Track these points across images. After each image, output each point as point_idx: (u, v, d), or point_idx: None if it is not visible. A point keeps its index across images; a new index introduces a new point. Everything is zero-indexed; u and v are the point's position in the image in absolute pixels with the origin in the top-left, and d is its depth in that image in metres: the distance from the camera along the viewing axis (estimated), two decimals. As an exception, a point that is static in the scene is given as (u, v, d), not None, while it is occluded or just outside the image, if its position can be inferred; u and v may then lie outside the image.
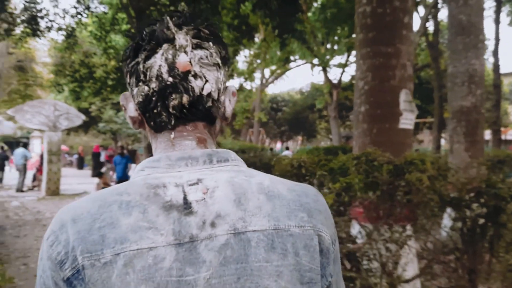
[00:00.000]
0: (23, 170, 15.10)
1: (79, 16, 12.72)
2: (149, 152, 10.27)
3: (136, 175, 0.75)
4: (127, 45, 0.79)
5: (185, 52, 0.74)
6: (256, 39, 20.59)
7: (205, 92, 0.75)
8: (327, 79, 22.36)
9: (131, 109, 0.80)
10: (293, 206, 0.72)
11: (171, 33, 0.74)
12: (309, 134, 38.71)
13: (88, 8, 12.88)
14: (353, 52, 22.35)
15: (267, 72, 28.78)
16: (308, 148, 17.86)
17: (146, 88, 0.74)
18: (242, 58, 27.20)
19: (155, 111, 0.75)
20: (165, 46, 0.74)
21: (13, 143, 28.93)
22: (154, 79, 0.73)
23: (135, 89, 0.77)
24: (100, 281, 0.63)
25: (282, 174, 3.98)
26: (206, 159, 0.75)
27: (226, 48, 0.80)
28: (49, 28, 12.20)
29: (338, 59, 22.21)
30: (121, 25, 12.76)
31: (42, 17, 12.03)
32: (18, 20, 11.83)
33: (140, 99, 0.76)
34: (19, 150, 15.81)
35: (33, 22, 11.73)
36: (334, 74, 39.42)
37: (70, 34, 12.91)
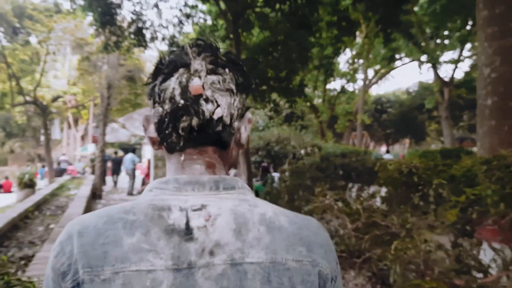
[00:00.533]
0: (132, 174, 15.97)
1: (180, 25, 13.08)
2: (246, 157, 10.08)
3: (144, 195, 0.77)
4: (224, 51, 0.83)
5: (199, 77, 0.76)
6: (358, 39, 19.83)
7: (215, 116, 0.76)
8: (437, 76, 20.72)
9: (151, 130, 0.81)
10: (293, 240, 0.72)
11: (189, 58, 0.77)
12: (418, 136, 36.41)
13: (188, 16, 13.18)
14: (467, 46, 20.60)
15: (370, 72, 27.64)
16: (419, 151, 16.49)
17: (161, 109, 0.77)
18: (344, 59, 26.46)
19: (166, 132, 0.77)
20: (181, 70, 0.76)
21: (128, 149, 31.12)
22: (167, 101, 0.76)
23: (153, 110, 0.80)
24: None
25: (389, 182, 3.40)
26: (212, 185, 0.76)
27: (246, 76, 0.81)
28: (153, 39, 12.69)
29: (449, 54, 20.56)
30: (220, 30, 12.88)
31: (147, 28, 12.50)
32: (126, 33, 12.40)
33: (156, 120, 0.78)
34: (128, 156, 16.77)
35: (139, 34, 12.22)
36: (445, 71, 36.70)
37: (172, 43, 13.34)
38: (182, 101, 0.74)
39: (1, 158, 52.11)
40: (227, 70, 0.78)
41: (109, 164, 18.71)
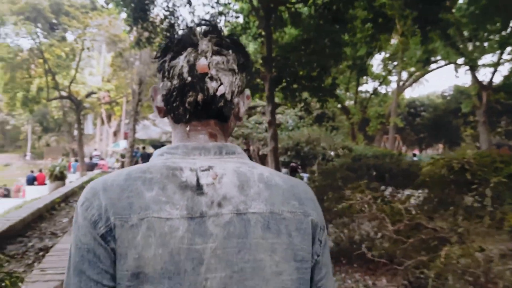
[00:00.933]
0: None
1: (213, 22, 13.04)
2: (275, 155, 9.90)
3: (156, 158, 0.87)
4: (257, 50, 4.29)
5: (205, 57, 0.86)
6: (393, 40, 19.33)
7: (218, 93, 0.86)
8: (475, 80, 19.99)
9: (158, 100, 0.93)
10: (287, 195, 0.84)
11: (196, 39, 0.87)
12: (452, 141, 35.32)
13: (221, 14, 13.13)
14: (507, 49, 19.78)
15: (404, 74, 26.97)
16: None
17: (169, 84, 0.87)
18: (376, 62, 26.03)
19: (174, 104, 0.88)
20: (189, 49, 0.86)
21: (159, 146, 31.49)
22: (176, 77, 0.86)
23: (161, 84, 0.90)
24: (127, 240, 0.75)
25: (435, 181, 3.13)
26: (216, 150, 0.88)
27: (246, 57, 0.91)
28: (185, 35, 12.69)
29: (488, 57, 19.81)
30: (252, 28, 12.75)
31: (179, 24, 12.50)
32: (158, 29, 12.45)
33: (164, 93, 0.89)
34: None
35: (171, 30, 12.23)
36: (483, 75, 35.46)
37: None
38: (189, 78, 0.85)
39: (38, 152, 53.68)
40: (230, 51, 0.88)
41: (140, 160, 18.89)
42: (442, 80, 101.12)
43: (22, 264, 3.62)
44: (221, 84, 0.86)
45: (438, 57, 23.00)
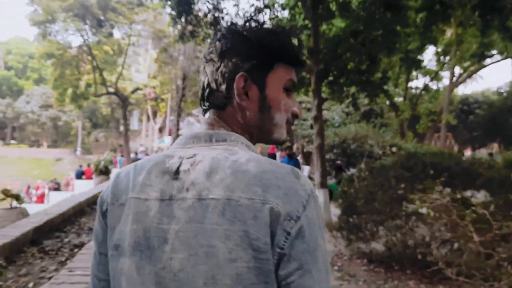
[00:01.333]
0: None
1: (257, 15, 12.73)
2: (320, 152, 9.47)
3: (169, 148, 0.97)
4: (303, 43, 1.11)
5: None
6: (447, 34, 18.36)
7: (205, 84, 0.96)
8: (536, 75, 18.69)
9: None
10: (252, 181, 0.80)
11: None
12: (508, 140, 33.45)
13: (266, 7, 12.80)
14: None
15: (457, 70, 25.68)
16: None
17: None
18: (427, 58, 24.98)
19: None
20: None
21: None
22: None
23: None
24: (114, 217, 0.88)
25: (502, 182, 2.68)
26: (207, 138, 0.91)
27: (236, 41, 0.93)
28: (229, 29, 12.50)
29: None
30: (298, 21, 12.36)
31: (223, 18, 12.31)
32: (202, 23, 12.31)
33: None
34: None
35: (216, 23, 12.06)
36: (544, 71, 33.35)
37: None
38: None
39: (87, 147, 55.59)
40: (217, 42, 0.94)
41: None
42: (497, 76, 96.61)
43: (55, 261, 3.44)
44: (206, 75, 0.95)
45: (494, 51, 21.75)
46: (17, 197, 5.86)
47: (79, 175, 21.20)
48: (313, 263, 0.80)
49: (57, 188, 23.48)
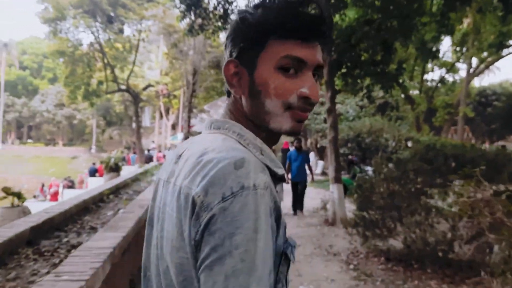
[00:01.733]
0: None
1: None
2: (334, 146, 9.14)
3: None
4: None
5: None
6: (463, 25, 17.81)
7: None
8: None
9: None
10: (192, 170, 0.78)
11: None
12: (527, 133, 32.72)
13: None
14: None
15: (474, 61, 25.02)
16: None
17: None
18: (443, 49, 24.37)
19: None
20: None
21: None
22: None
23: None
24: (153, 192, 1.00)
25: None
26: (209, 125, 0.93)
27: (231, 27, 0.89)
28: (238, 23, 12.29)
29: None
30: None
31: (232, 10, 12.05)
32: (211, 15, 12.10)
33: None
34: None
35: (225, 16, 11.83)
36: None
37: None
38: None
39: (102, 145, 55.96)
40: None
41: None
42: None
43: (49, 264, 3.22)
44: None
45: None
46: (18, 195, 5.70)
47: (93, 172, 21.26)
48: (217, 262, 0.67)
49: (71, 185, 23.57)
